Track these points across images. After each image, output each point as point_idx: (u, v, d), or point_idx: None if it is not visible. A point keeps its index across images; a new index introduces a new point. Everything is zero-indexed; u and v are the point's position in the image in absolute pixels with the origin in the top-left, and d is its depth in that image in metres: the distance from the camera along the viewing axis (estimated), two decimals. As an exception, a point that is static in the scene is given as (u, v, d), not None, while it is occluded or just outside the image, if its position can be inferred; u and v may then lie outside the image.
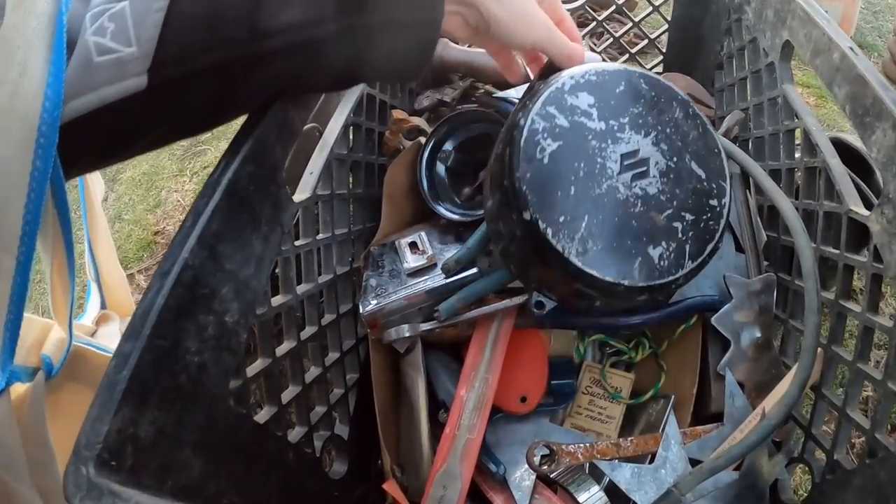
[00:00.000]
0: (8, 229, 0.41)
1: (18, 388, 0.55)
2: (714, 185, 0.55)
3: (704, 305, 0.70)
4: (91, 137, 0.43)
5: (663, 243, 0.52)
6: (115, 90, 0.40)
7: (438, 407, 0.68)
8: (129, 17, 0.40)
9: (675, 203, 0.53)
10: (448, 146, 0.79)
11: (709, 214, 0.54)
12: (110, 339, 0.77)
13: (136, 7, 0.40)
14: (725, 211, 0.54)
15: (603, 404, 0.71)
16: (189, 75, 0.42)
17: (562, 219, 0.50)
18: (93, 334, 0.79)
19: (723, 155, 0.57)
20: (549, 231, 0.50)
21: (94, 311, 0.85)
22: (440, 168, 0.79)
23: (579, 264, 0.49)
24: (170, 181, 1.63)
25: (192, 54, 0.41)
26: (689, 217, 0.53)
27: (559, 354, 0.73)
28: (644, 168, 0.53)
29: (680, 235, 0.52)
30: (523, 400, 0.66)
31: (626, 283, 0.50)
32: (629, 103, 0.55)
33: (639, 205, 0.52)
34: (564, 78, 0.54)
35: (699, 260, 0.52)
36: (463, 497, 0.60)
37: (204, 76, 0.42)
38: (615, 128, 0.54)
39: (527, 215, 0.50)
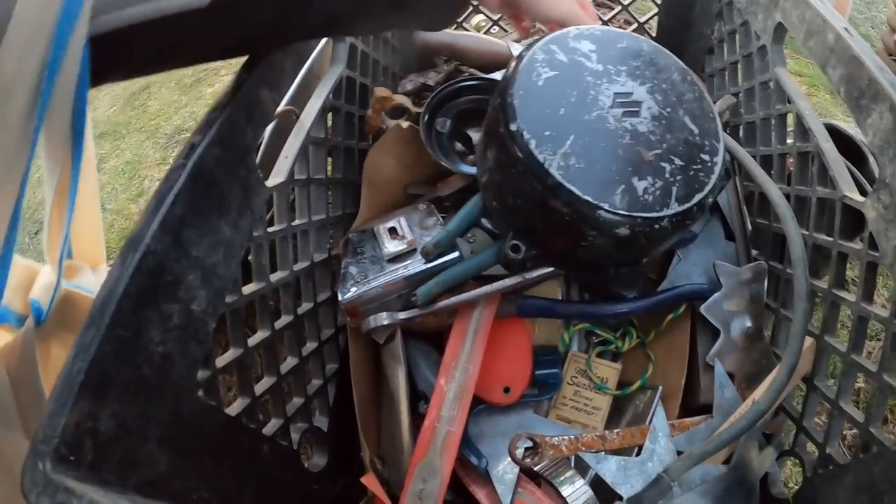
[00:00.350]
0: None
1: (5, 335, 0.53)
2: (707, 143, 0.55)
3: (693, 294, 0.68)
4: (139, 47, 0.41)
5: (649, 178, 0.52)
6: (176, 4, 0.39)
7: (419, 398, 0.66)
8: None
9: (664, 146, 0.54)
10: (445, 115, 0.79)
11: (699, 166, 0.54)
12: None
13: None
14: (717, 168, 0.54)
15: (589, 395, 0.70)
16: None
17: (547, 133, 0.51)
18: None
19: (718, 121, 0.57)
20: (533, 142, 0.51)
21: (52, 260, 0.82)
22: (441, 129, 0.78)
23: (559, 177, 0.49)
24: (153, 170, 1.60)
25: None
26: (678, 161, 0.53)
27: (544, 344, 0.71)
28: (636, 109, 0.55)
29: (667, 176, 0.52)
30: (506, 390, 0.64)
31: (605, 206, 0.49)
32: (629, 57, 0.58)
33: (627, 137, 0.53)
34: (571, 28, 0.57)
35: (686, 205, 0.51)
36: (443, 491, 0.58)
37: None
38: (612, 72, 0.56)
39: (513, 126, 0.51)
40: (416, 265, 0.65)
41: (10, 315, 0.54)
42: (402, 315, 0.63)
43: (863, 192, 0.55)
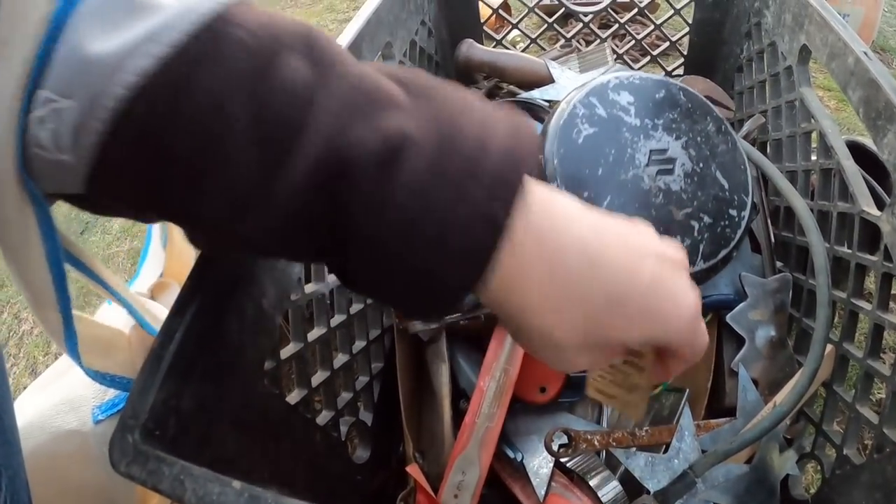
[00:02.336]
0: None
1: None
2: (736, 197, 0.57)
3: (720, 304, 0.71)
4: None
5: (678, 237, 0.54)
6: (53, 187, 0.30)
7: (459, 395, 0.70)
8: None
9: (695, 203, 0.55)
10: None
11: (727, 222, 0.56)
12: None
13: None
14: (744, 223, 0.56)
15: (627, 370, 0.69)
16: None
17: (585, 194, 0.53)
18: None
19: (749, 173, 0.59)
20: None
21: (149, 278, 0.84)
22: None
23: None
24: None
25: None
26: (707, 219, 0.55)
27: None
28: (670, 166, 0.56)
29: (696, 234, 0.54)
30: (542, 390, 0.67)
31: None
32: (665, 108, 0.58)
33: (660, 197, 0.55)
34: (611, 76, 0.58)
35: (711, 262, 0.54)
36: (481, 482, 0.62)
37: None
38: (649, 126, 0.57)
39: (554, 185, 0.53)
40: None
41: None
42: (449, 318, 0.67)
43: (882, 207, 0.58)
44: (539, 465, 0.65)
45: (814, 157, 0.71)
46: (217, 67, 0.27)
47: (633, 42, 1.15)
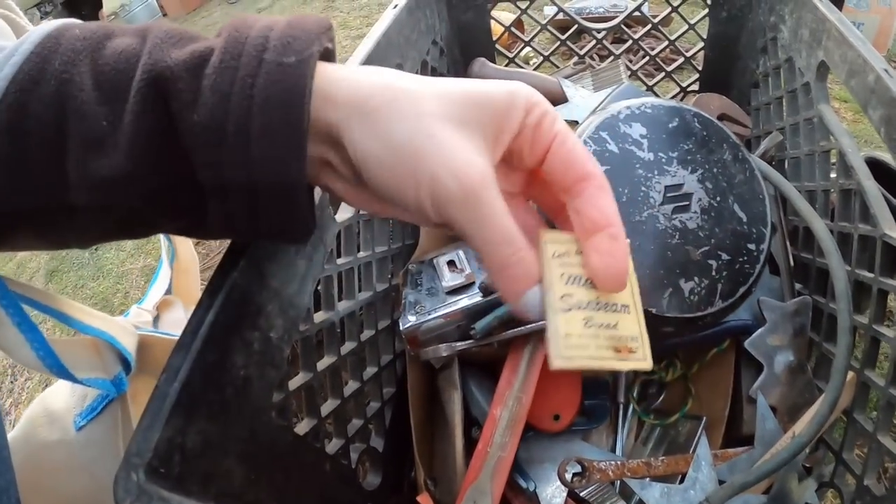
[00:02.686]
0: None
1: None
2: (754, 230, 0.55)
3: (738, 329, 0.70)
4: None
5: (696, 278, 0.52)
6: None
7: (472, 423, 0.69)
8: None
9: (712, 241, 0.54)
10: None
11: (745, 257, 0.54)
12: (172, 325, 0.78)
13: None
14: (763, 257, 0.55)
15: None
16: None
17: None
18: (155, 319, 0.80)
19: (767, 202, 0.57)
20: None
21: (156, 296, 0.85)
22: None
23: None
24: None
25: None
26: (725, 257, 0.54)
27: (592, 374, 0.73)
28: (686, 203, 0.55)
29: (713, 273, 0.53)
30: (556, 418, 0.66)
31: (653, 311, 0.51)
32: (680, 139, 0.56)
33: (676, 237, 0.53)
34: (621, 107, 0.56)
35: (730, 301, 0.53)
36: (493, 512, 0.61)
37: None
38: (663, 160, 0.55)
39: None
40: (474, 298, 0.68)
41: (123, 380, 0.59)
42: (460, 345, 0.66)
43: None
44: (552, 494, 0.64)
45: (833, 176, 0.70)
46: (62, 55, 0.32)
47: (648, 58, 1.14)
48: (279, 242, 0.43)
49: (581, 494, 0.62)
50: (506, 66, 1.07)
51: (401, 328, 0.68)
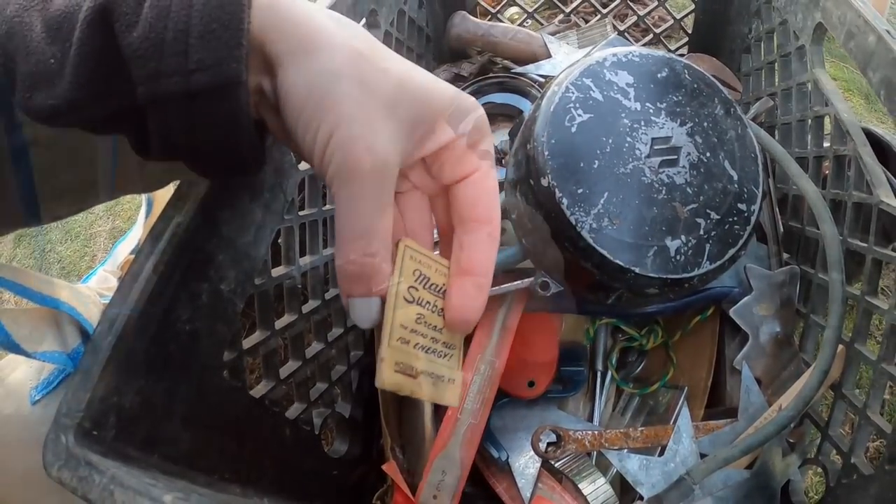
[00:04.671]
0: None
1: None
2: (746, 190, 0.52)
3: (721, 296, 0.67)
4: None
5: (682, 237, 0.49)
6: None
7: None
8: None
9: (701, 198, 0.51)
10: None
11: (735, 218, 0.51)
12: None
13: None
14: (754, 218, 0.52)
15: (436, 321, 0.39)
16: None
17: (580, 190, 0.48)
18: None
19: (760, 161, 0.54)
20: (565, 201, 0.48)
21: (122, 255, 0.85)
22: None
23: (591, 241, 0.47)
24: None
25: None
26: (714, 216, 0.51)
27: (569, 340, 0.70)
28: (674, 157, 0.51)
29: (702, 232, 0.50)
30: (531, 385, 0.63)
31: (636, 270, 0.48)
32: (669, 90, 0.53)
33: (663, 192, 0.50)
34: (607, 54, 0.53)
35: (718, 262, 0.50)
36: (462, 483, 0.58)
37: None
38: (650, 111, 0.52)
39: (545, 181, 0.48)
40: None
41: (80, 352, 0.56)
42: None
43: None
44: (525, 464, 0.61)
45: (826, 144, 0.67)
46: (15, 2, 0.32)
47: (636, 20, 1.10)
48: (226, 173, 0.39)
49: (556, 465, 0.59)
50: (488, 20, 1.02)
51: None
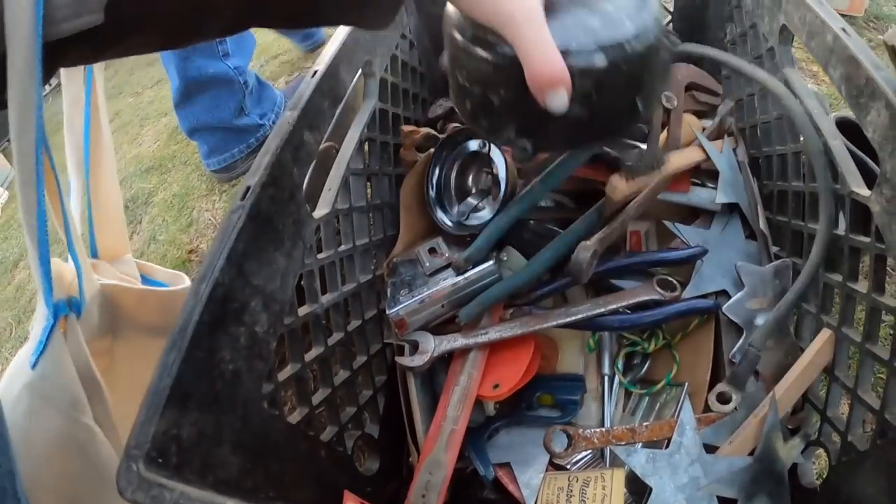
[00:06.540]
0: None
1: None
2: None
3: (698, 310, 0.72)
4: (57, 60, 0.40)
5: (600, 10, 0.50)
6: (72, 26, 0.36)
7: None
8: None
9: None
10: (440, 167, 0.84)
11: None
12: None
13: None
14: None
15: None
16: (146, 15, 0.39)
17: None
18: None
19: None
20: None
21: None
22: (444, 181, 0.84)
23: None
24: (201, 200, 1.66)
25: None
26: None
27: (568, 372, 0.76)
28: None
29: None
30: (495, 387, 0.69)
31: (573, 47, 0.48)
32: None
33: None
34: None
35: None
36: (447, 482, 0.62)
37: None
38: None
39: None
40: (455, 277, 0.72)
41: (63, 306, 0.60)
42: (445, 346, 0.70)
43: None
44: (530, 476, 0.66)
45: (802, 139, 0.70)
46: None
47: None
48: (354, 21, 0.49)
49: (566, 466, 0.64)
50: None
51: (388, 313, 0.71)
